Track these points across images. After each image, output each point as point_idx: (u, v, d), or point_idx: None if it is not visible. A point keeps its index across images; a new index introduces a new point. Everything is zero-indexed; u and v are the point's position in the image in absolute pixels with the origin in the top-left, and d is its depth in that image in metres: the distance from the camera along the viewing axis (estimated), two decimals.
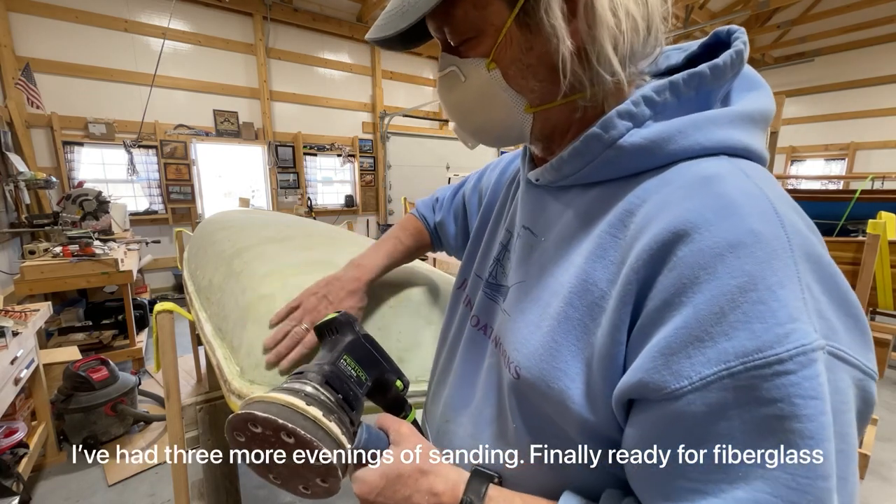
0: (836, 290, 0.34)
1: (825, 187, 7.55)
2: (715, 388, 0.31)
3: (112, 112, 4.86)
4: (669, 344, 0.33)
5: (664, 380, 0.33)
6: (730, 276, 0.31)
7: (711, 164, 0.37)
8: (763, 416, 0.30)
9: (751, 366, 0.30)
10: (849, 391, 0.32)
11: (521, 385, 0.44)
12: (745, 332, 0.31)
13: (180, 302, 3.20)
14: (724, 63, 0.40)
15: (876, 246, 2.03)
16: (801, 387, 0.29)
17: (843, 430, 0.31)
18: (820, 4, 6.81)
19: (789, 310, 0.30)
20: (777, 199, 0.35)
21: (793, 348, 0.30)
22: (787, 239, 0.32)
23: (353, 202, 7.07)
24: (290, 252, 1.14)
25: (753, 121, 0.41)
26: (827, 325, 0.32)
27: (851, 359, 0.32)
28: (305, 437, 0.40)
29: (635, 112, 0.41)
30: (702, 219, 0.34)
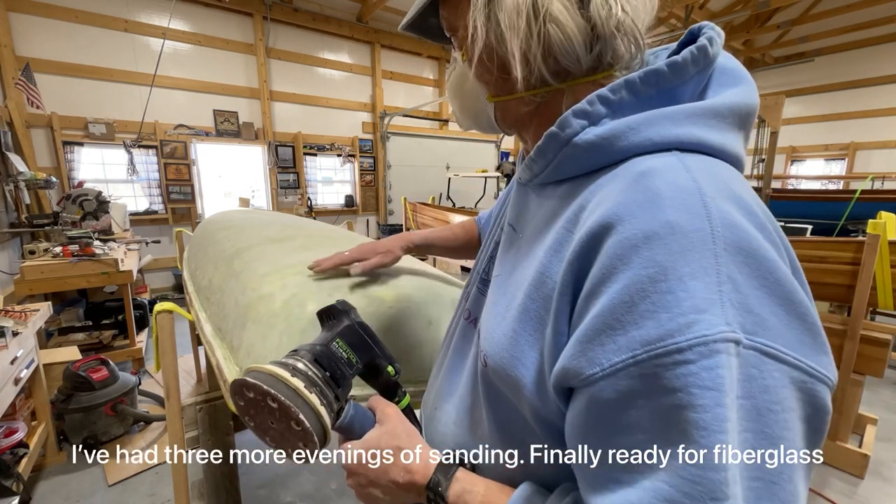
0: (774, 286, 0.32)
1: (825, 187, 7.55)
2: (623, 376, 0.32)
3: (112, 112, 4.86)
4: (586, 332, 0.34)
5: (581, 366, 0.34)
6: (642, 267, 0.32)
7: (654, 160, 0.38)
8: (665, 405, 0.31)
9: (654, 354, 0.31)
10: (782, 391, 0.31)
11: (488, 372, 0.47)
12: (652, 321, 0.31)
13: (180, 302, 3.20)
14: (683, 60, 0.40)
15: (876, 246, 2.03)
16: (699, 377, 0.29)
17: (772, 431, 0.31)
18: (820, 4, 6.81)
19: (696, 300, 0.31)
20: (714, 192, 0.34)
21: (693, 338, 0.30)
22: (710, 231, 0.32)
23: (353, 202, 7.07)
24: (290, 252, 1.14)
25: (719, 116, 0.40)
26: (753, 320, 0.31)
27: (787, 357, 0.32)
28: (285, 404, 0.45)
29: (590, 111, 0.42)
30: (626, 211, 0.34)
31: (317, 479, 2.13)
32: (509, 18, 0.43)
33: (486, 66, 0.48)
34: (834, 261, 2.19)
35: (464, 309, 0.63)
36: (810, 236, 2.88)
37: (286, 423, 0.46)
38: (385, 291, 0.90)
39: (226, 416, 1.26)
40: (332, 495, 2.04)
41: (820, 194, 4.66)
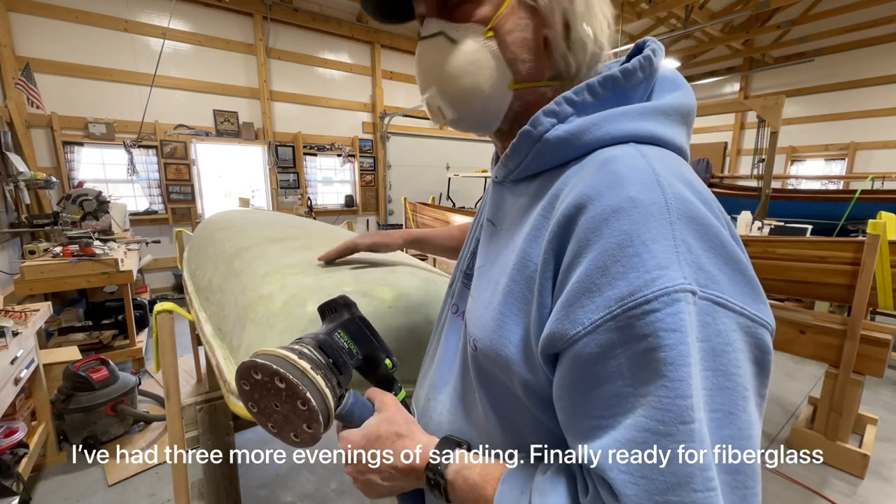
0: (720, 248, 0.38)
1: (825, 187, 7.55)
2: (603, 331, 0.36)
3: (112, 112, 4.86)
4: (568, 297, 0.39)
5: (565, 328, 0.38)
6: (611, 236, 0.37)
7: (616, 150, 0.43)
8: (639, 349, 0.35)
9: (626, 307, 0.35)
10: (732, 334, 0.36)
11: (478, 356, 0.50)
12: (623, 281, 0.36)
13: (180, 302, 3.20)
14: (633, 67, 0.47)
15: (876, 246, 2.02)
16: (665, 322, 0.34)
17: (726, 369, 0.36)
18: (820, 4, 6.81)
19: (658, 260, 0.36)
20: (667, 173, 0.40)
21: (658, 289, 0.35)
22: (664, 203, 0.37)
23: (353, 202, 7.07)
24: (290, 252, 1.14)
25: (665, 114, 0.46)
26: (705, 276, 0.36)
27: (734, 306, 0.37)
28: (293, 382, 0.47)
29: (558, 110, 0.47)
30: (595, 192, 0.40)
31: (317, 479, 2.13)
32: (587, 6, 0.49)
33: (530, 45, 0.50)
34: (834, 261, 2.19)
35: (451, 304, 0.65)
36: (810, 236, 2.87)
37: (292, 404, 0.48)
38: (385, 291, 0.90)
39: (226, 416, 1.26)
40: (332, 495, 2.04)
41: (820, 194, 4.67)
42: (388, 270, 1.00)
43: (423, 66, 0.54)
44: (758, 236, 3.00)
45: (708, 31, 7.22)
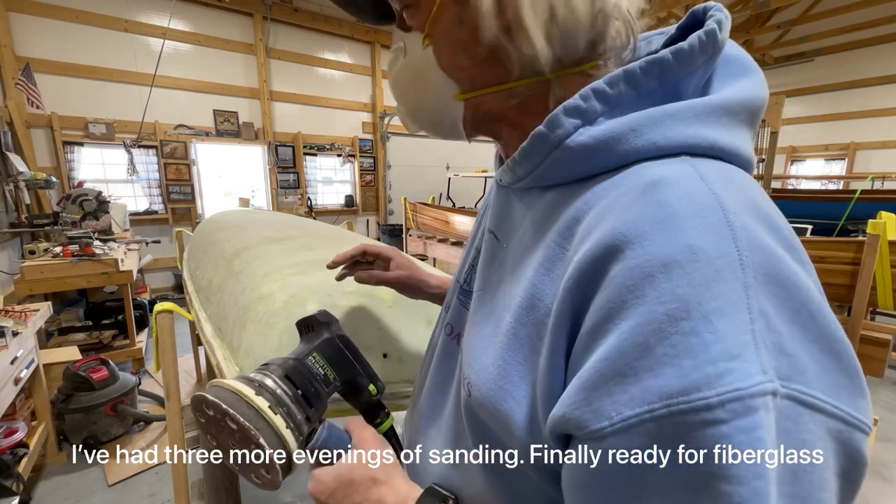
0: (810, 321, 0.27)
1: (825, 187, 7.55)
2: (637, 433, 0.27)
3: (112, 112, 4.86)
4: (591, 377, 0.29)
5: (585, 417, 0.29)
6: (658, 302, 0.27)
7: (663, 168, 0.32)
8: (689, 472, 0.25)
9: (676, 410, 0.25)
10: (819, 444, 0.26)
11: (472, 403, 0.41)
12: (673, 370, 0.26)
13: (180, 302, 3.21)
14: (690, 46, 0.34)
15: (876, 246, 2.03)
16: (734, 440, 0.24)
17: (808, 494, 0.26)
18: (820, 4, 6.81)
19: (726, 344, 0.25)
20: (739, 207, 0.29)
21: (725, 392, 0.25)
22: (737, 256, 0.27)
23: (353, 202, 7.07)
24: (290, 252, 1.15)
25: (731, 113, 0.35)
26: (789, 364, 0.26)
27: (826, 406, 0.27)
28: (245, 426, 0.41)
29: (584, 108, 0.36)
30: (637, 232, 0.29)
31: None
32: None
33: (467, 48, 0.40)
34: (834, 261, 2.19)
35: (445, 323, 0.56)
36: (810, 236, 2.87)
37: (247, 448, 0.42)
38: (385, 291, 0.90)
39: None
40: None
41: (820, 194, 4.66)
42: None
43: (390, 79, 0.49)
44: None
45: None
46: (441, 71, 0.42)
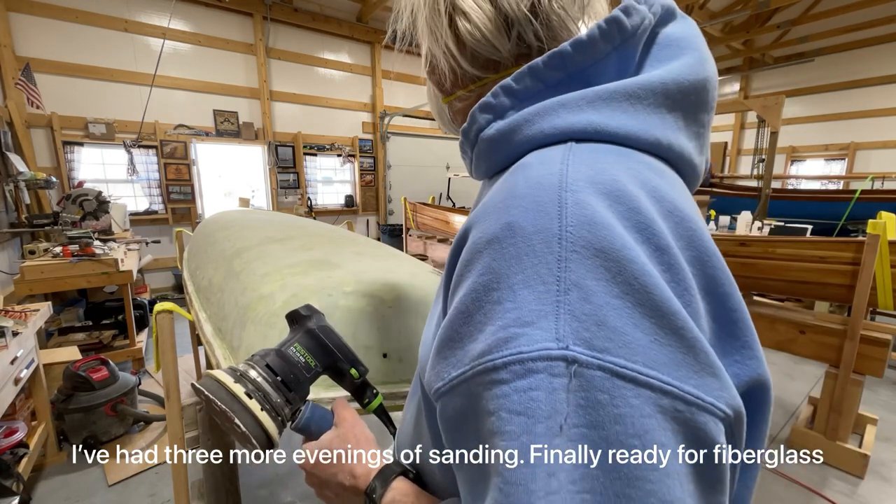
0: (642, 295, 0.27)
1: (825, 187, 7.55)
2: (458, 393, 0.30)
3: (112, 112, 4.86)
4: (437, 344, 0.33)
5: (430, 380, 0.33)
6: (478, 273, 0.30)
7: (538, 154, 0.35)
8: (484, 430, 0.28)
9: (478, 370, 0.28)
10: (645, 421, 0.25)
11: (419, 370, 0.45)
12: (482, 334, 0.29)
13: (180, 302, 3.20)
14: (588, 37, 0.35)
15: (876, 246, 2.02)
16: (510, 399, 0.26)
17: (628, 471, 0.24)
18: (820, 4, 6.81)
19: (522, 312, 0.27)
20: (584, 186, 0.30)
21: (510, 354, 0.26)
22: (557, 231, 0.28)
23: (353, 202, 7.07)
24: (290, 252, 1.14)
25: (633, 97, 0.35)
26: (606, 335, 0.26)
27: (652, 381, 0.25)
28: (222, 409, 0.48)
29: (494, 103, 0.38)
30: (483, 212, 0.33)
31: None
32: (428, 19, 0.43)
33: (431, 69, 0.49)
34: (834, 261, 2.19)
35: None
36: (810, 236, 2.87)
37: (231, 426, 0.49)
38: (385, 291, 0.90)
39: None
40: None
41: (820, 194, 4.66)
42: (388, 270, 1.00)
43: None
44: (758, 236, 3.00)
45: (708, 31, 7.21)
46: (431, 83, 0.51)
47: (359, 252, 1.19)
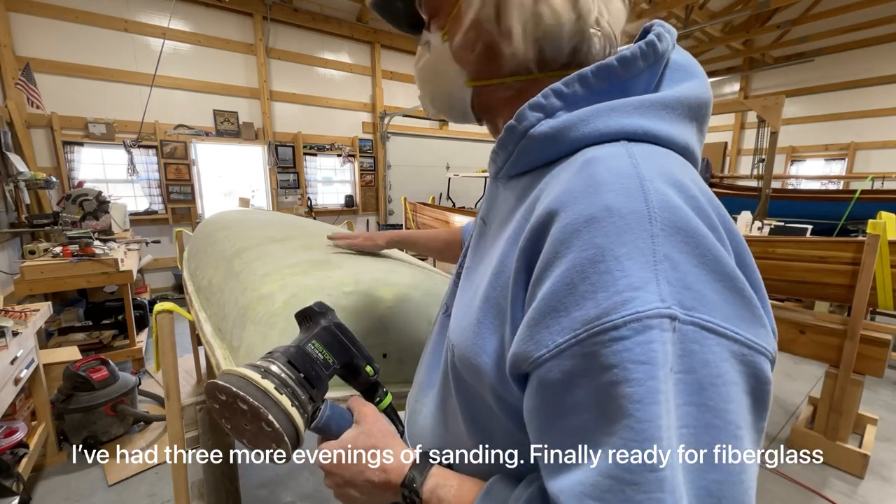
0: (713, 263, 0.34)
1: (825, 187, 7.55)
2: (567, 356, 0.33)
3: (112, 112, 4.86)
4: (533, 316, 0.36)
5: (529, 349, 0.35)
6: (581, 249, 0.34)
7: (602, 149, 0.39)
8: (603, 382, 0.31)
9: (593, 332, 0.32)
10: (723, 364, 0.32)
11: (455, 362, 0.47)
12: (591, 301, 0.32)
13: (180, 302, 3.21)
14: (631, 54, 0.42)
15: (876, 246, 2.02)
16: (633, 352, 0.31)
17: (715, 404, 0.31)
18: (820, 4, 6.80)
19: (632, 279, 0.32)
20: (655, 176, 0.36)
21: (629, 314, 0.31)
22: (647, 213, 0.33)
23: (353, 202, 7.07)
24: (290, 252, 1.14)
25: (668, 107, 0.42)
26: (693, 297, 0.32)
27: (727, 331, 0.33)
28: (254, 405, 0.46)
29: (545, 104, 0.43)
30: (569, 198, 0.36)
31: (316, 479, 2.13)
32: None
33: (472, 44, 0.48)
34: (834, 261, 2.19)
35: (443, 304, 0.63)
36: (810, 236, 2.87)
37: (258, 425, 0.47)
38: (385, 291, 0.90)
39: None
40: (331, 495, 2.04)
41: (820, 194, 4.67)
42: (388, 270, 1.00)
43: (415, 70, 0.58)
44: (758, 236, 3.00)
45: (708, 31, 7.22)
46: (454, 62, 0.50)
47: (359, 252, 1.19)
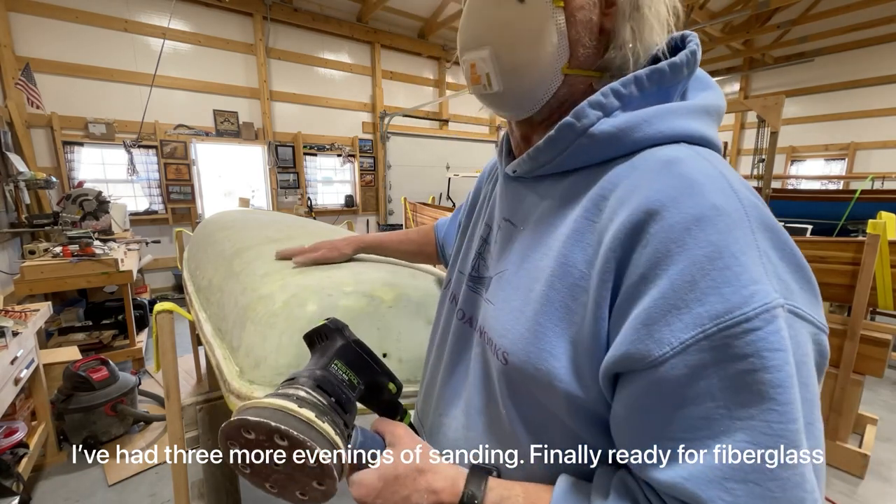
0: (790, 254, 0.37)
1: (825, 187, 7.55)
2: (694, 351, 0.34)
3: (112, 112, 4.86)
4: (650, 314, 0.36)
5: (648, 348, 0.35)
6: (698, 247, 0.35)
7: (673, 150, 0.41)
8: (738, 370, 0.33)
9: (723, 326, 0.33)
10: (808, 345, 0.36)
11: (509, 370, 0.46)
12: (716, 297, 0.34)
13: (180, 302, 3.21)
14: (680, 62, 0.44)
15: (876, 246, 2.02)
16: (768, 341, 0.33)
17: (806, 381, 0.35)
18: (820, 4, 6.81)
19: (751, 273, 0.34)
20: (732, 178, 0.39)
21: (758, 306, 0.33)
22: (744, 211, 0.36)
23: (353, 202, 7.07)
24: None
25: (708, 113, 0.45)
26: (784, 287, 0.35)
27: (807, 315, 0.36)
28: (299, 438, 0.40)
29: (605, 103, 0.44)
30: (669, 198, 0.37)
31: None
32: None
33: (591, 24, 0.45)
34: (834, 261, 2.19)
35: (455, 309, 0.60)
36: (810, 236, 2.87)
37: (301, 461, 0.41)
38: (385, 291, 0.90)
39: (226, 416, 1.26)
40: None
41: (820, 194, 4.66)
42: (388, 271, 1.00)
43: (478, 18, 0.47)
44: None
45: (708, 31, 7.22)
46: (566, 39, 0.45)
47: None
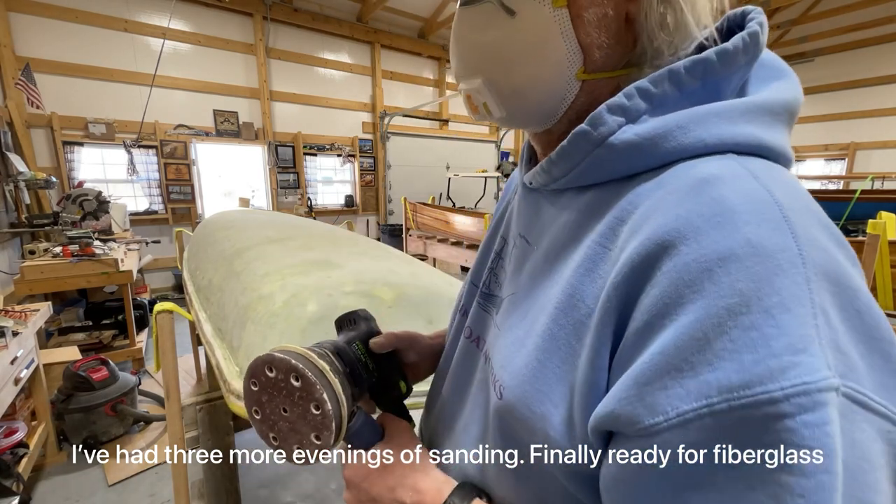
0: (858, 319, 0.27)
1: (825, 187, 7.55)
2: (694, 428, 0.26)
3: (112, 112, 4.86)
4: (644, 372, 0.28)
5: (637, 413, 0.28)
6: (718, 296, 0.26)
7: (713, 164, 0.31)
8: (749, 466, 0.25)
9: (736, 404, 0.25)
10: (872, 446, 0.25)
11: (503, 407, 0.40)
12: (732, 364, 0.25)
13: (180, 302, 3.21)
14: (734, 47, 0.34)
15: (876, 246, 2.03)
16: (800, 435, 0.24)
17: (862, 496, 0.25)
18: (820, 4, 6.81)
19: (791, 338, 0.25)
20: (793, 205, 0.28)
21: (790, 386, 0.24)
22: (798, 251, 0.26)
23: (353, 202, 7.07)
24: (290, 252, 1.15)
25: (773, 113, 0.34)
26: (845, 362, 0.25)
27: (877, 406, 0.26)
28: (311, 380, 0.43)
29: (628, 105, 0.35)
30: (690, 227, 0.28)
31: (316, 479, 2.13)
32: None
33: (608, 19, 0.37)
34: None
35: (464, 326, 0.55)
36: None
37: (304, 407, 0.43)
38: (385, 291, 0.90)
39: (226, 416, 1.26)
40: (331, 495, 2.04)
41: (820, 194, 4.66)
42: (388, 271, 1.00)
43: (465, 46, 0.42)
44: None
45: None
46: (576, 42, 0.37)
47: (359, 252, 1.19)
